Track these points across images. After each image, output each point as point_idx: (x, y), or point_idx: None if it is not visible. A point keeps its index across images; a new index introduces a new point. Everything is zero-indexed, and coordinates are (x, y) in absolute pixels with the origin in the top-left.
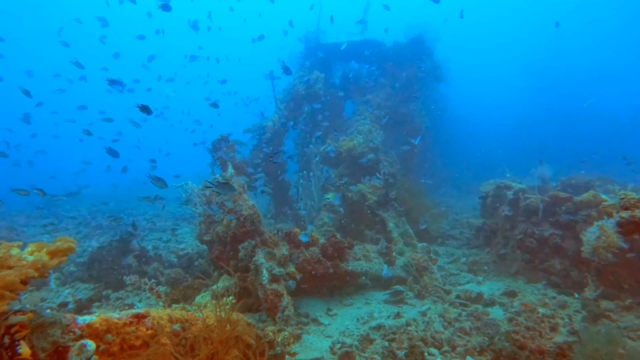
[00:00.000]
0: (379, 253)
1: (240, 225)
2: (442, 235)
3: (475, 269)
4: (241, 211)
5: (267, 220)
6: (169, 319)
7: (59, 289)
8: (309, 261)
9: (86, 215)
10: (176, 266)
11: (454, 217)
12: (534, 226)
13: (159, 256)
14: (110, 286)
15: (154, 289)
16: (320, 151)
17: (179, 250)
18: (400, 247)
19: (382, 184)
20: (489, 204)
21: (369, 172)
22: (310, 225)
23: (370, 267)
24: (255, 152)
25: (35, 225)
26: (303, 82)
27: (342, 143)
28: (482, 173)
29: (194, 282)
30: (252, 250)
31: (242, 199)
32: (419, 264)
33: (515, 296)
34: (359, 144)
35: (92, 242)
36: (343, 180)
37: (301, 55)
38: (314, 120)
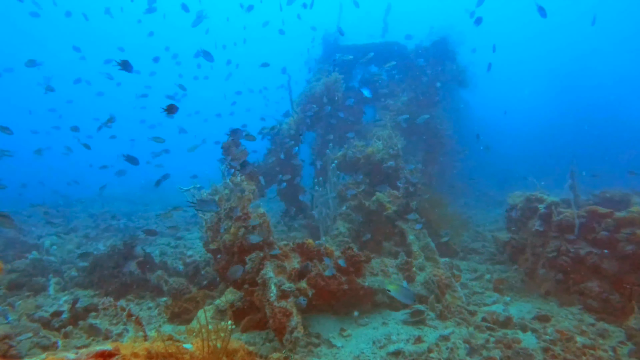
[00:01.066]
0: (398, 268)
1: (243, 238)
2: (464, 249)
3: (502, 287)
4: (249, 220)
5: (280, 227)
6: (146, 356)
7: (58, 295)
8: (322, 275)
9: (97, 216)
10: (182, 275)
11: (474, 229)
12: (569, 243)
13: (164, 263)
14: (111, 294)
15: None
16: (338, 157)
17: (186, 257)
18: (420, 261)
19: (402, 193)
20: (516, 217)
21: (389, 180)
22: (325, 235)
23: (389, 283)
24: (270, 155)
25: (45, 226)
26: (320, 83)
27: (361, 149)
28: (503, 183)
29: (197, 294)
30: (260, 263)
31: (251, 205)
32: (441, 281)
33: (548, 321)
34: (378, 150)
35: (99, 245)
36: (361, 188)
37: (319, 58)
38: (331, 124)
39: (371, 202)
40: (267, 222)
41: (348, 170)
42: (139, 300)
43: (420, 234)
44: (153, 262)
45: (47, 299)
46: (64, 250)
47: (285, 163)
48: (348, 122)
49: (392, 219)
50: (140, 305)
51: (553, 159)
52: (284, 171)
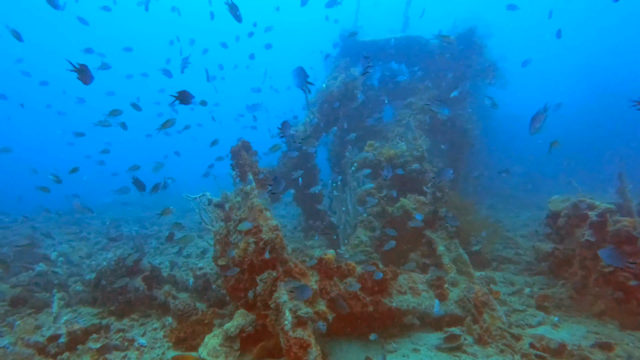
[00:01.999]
0: (428, 284)
1: (259, 251)
2: (496, 258)
3: (547, 305)
4: (260, 234)
5: (297, 233)
6: None
7: (61, 312)
8: (344, 296)
9: (109, 224)
10: (191, 289)
11: (504, 234)
12: (628, 257)
13: (172, 276)
14: (115, 313)
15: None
16: (357, 160)
17: (197, 269)
18: (452, 275)
19: (429, 199)
20: (561, 225)
21: (414, 184)
22: (345, 244)
23: (419, 302)
24: (284, 159)
25: (59, 234)
26: (338, 82)
27: (382, 151)
28: (529, 184)
29: (205, 315)
30: (272, 284)
31: (263, 217)
32: (477, 299)
33: (611, 349)
34: (401, 152)
35: (109, 254)
36: (382, 193)
37: (336, 54)
38: (350, 125)
39: (394, 209)
40: (281, 237)
41: (369, 174)
42: (144, 319)
43: (451, 244)
44: (160, 276)
45: (49, 317)
46: (73, 261)
47: (301, 166)
48: (367, 122)
49: (418, 227)
50: (145, 326)
51: (583, 159)
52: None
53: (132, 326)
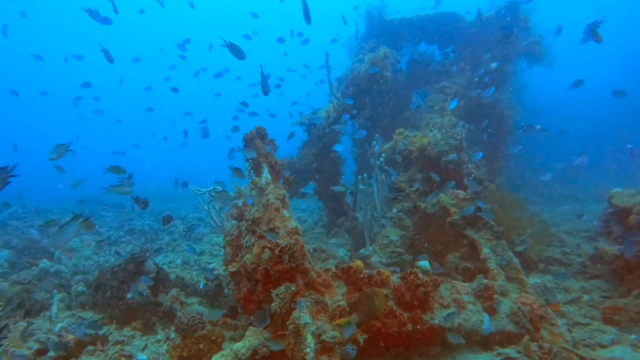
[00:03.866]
0: (474, 294)
1: (275, 260)
2: (543, 259)
3: (618, 318)
4: (276, 238)
5: (318, 229)
6: None
7: (59, 316)
8: None
9: (122, 216)
10: (201, 294)
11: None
12: None
13: (180, 279)
14: (116, 319)
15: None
16: (386, 149)
17: (209, 270)
18: (501, 283)
19: (471, 194)
20: (634, 223)
21: (450, 177)
22: (372, 243)
23: (465, 317)
24: (307, 149)
25: None
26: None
27: (414, 140)
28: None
29: (213, 330)
30: (291, 300)
31: (279, 217)
32: (533, 312)
33: None
34: (435, 141)
35: (118, 249)
36: (414, 186)
37: (361, 35)
38: (377, 112)
39: (429, 205)
40: (301, 243)
41: (398, 166)
42: (146, 330)
43: (497, 246)
44: (167, 279)
45: (45, 322)
46: (82, 257)
47: (323, 157)
48: (395, 108)
49: (458, 226)
50: (147, 337)
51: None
52: (322, 166)
53: (133, 336)
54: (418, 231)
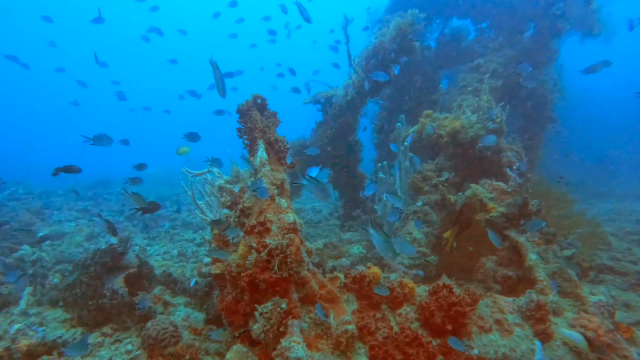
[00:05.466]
0: (521, 314)
1: (262, 265)
2: (593, 266)
3: None
4: (267, 236)
5: (333, 221)
6: None
7: (27, 312)
8: (397, 340)
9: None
10: (190, 293)
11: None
12: None
13: (167, 275)
14: (87, 322)
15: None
16: (411, 133)
17: (203, 264)
18: (553, 299)
19: (513, 186)
20: None
21: (486, 166)
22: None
23: (512, 346)
24: (321, 130)
25: (71, 209)
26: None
27: (444, 123)
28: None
29: (188, 349)
30: (280, 322)
31: (273, 207)
32: (598, 339)
33: None
34: (470, 124)
35: (111, 239)
36: (443, 176)
37: (386, 7)
38: (402, 90)
39: (459, 197)
40: (298, 244)
41: (425, 152)
42: (120, 333)
43: (548, 251)
44: (152, 275)
45: (6, 320)
46: (71, 243)
47: (339, 140)
48: (422, 89)
49: (498, 225)
50: (117, 346)
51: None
52: (338, 151)
53: (101, 345)
54: (446, 228)
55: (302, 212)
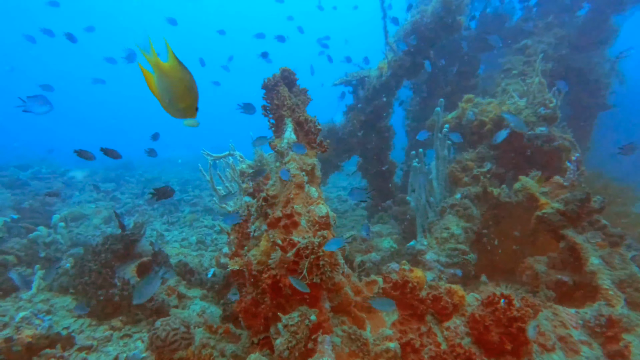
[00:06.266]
0: (587, 329)
1: (288, 267)
2: None
3: None
4: (293, 230)
5: (360, 212)
6: None
7: (36, 298)
8: (442, 358)
9: (146, 183)
10: (206, 285)
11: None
12: None
13: (184, 265)
14: (95, 312)
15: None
16: (450, 120)
17: (222, 254)
18: (621, 312)
19: (573, 179)
20: None
21: (536, 156)
22: (427, 236)
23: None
24: (352, 114)
25: (92, 191)
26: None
27: (487, 108)
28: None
29: (200, 353)
30: (308, 337)
31: (302, 197)
32: None
33: None
34: (517, 109)
35: (131, 221)
36: (485, 167)
37: None
38: (437, 76)
39: (503, 191)
40: (329, 242)
41: (464, 141)
42: (130, 327)
43: (613, 255)
44: (167, 264)
45: (14, 305)
46: (89, 226)
47: (370, 126)
48: (460, 73)
49: (552, 222)
50: (126, 342)
51: None
52: (368, 136)
53: (108, 340)
54: (487, 224)
55: (327, 201)
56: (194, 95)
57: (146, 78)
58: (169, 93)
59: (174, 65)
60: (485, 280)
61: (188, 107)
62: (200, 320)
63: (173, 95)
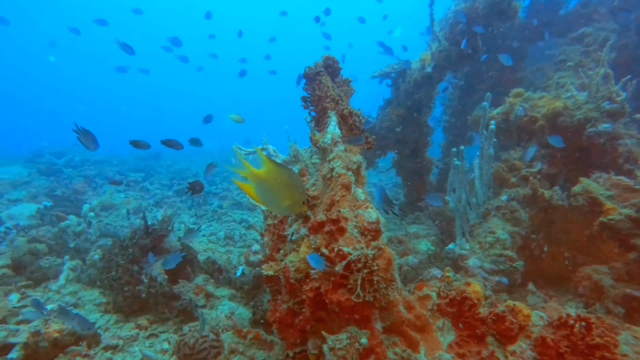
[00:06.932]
0: None
1: (335, 281)
2: None
3: None
4: (340, 238)
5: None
6: None
7: (65, 289)
8: None
9: (176, 174)
10: (235, 285)
11: None
12: None
13: (212, 262)
14: (123, 308)
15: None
16: (496, 115)
17: (251, 252)
18: None
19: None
20: None
21: (597, 156)
22: (469, 239)
23: None
24: (390, 108)
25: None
26: None
27: (539, 103)
28: None
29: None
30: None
31: (349, 200)
32: None
33: None
34: (575, 104)
35: (158, 214)
36: (535, 167)
37: None
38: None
39: (555, 193)
40: (388, 256)
41: (511, 138)
42: (157, 326)
43: None
44: (195, 261)
45: (46, 294)
46: (118, 215)
47: (408, 121)
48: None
49: (620, 230)
50: (152, 342)
51: None
52: (407, 132)
53: (134, 339)
54: (536, 228)
55: None
56: (296, 191)
57: (245, 191)
58: (271, 196)
59: (270, 169)
60: (533, 289)
61: (293, 203)
62: (228, 322)
63: (275, 196)
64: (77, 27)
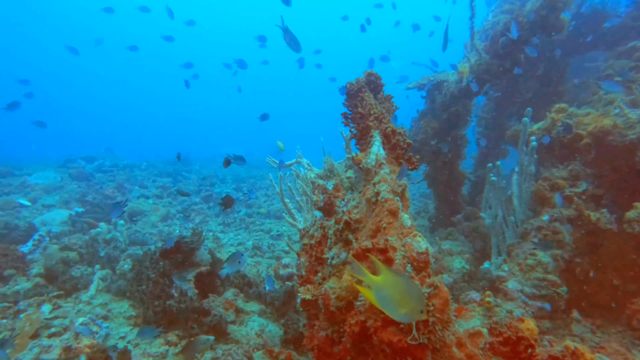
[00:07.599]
0: None
1: (386, 316)
2: None
3: None
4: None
5: (419, 221)
6: None
7: (95, 300)
8: None
9: (204, 180)
10: (264, 300)
11: None
12: None
13: (242, 276)
14: (150, 323)
15: None
16: (536, 131)
17: (281, 266)
18: None
19: None
20: None
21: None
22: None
23: None
24: (424, 121)
25: (150, 187)
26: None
27: (584, 120)
28: None
29: None
30: None
31: (396, 227)
32: None
33: None
34: (627, 123)
35: (187, 223)
36: (580, 187)
37: None
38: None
39: (603, 216)
40: (445, 295)
41: (554, 156)
42: (187, 340)
43: None
44: (224, 275)
45: (76, 305)
46: (147, 223)
47: (444, 134)
48: (545, 79)
49: None
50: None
51: None
52: (441, 145)
53: (165, 356)
54: (581, 252)
55: None
56: (414, 299)
57: (366, 296)
58: (389, 303)
59: (387, 278)
60: (578, 317)
61: (411, 311)
62: (259, 341)
63: (393, 304)
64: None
